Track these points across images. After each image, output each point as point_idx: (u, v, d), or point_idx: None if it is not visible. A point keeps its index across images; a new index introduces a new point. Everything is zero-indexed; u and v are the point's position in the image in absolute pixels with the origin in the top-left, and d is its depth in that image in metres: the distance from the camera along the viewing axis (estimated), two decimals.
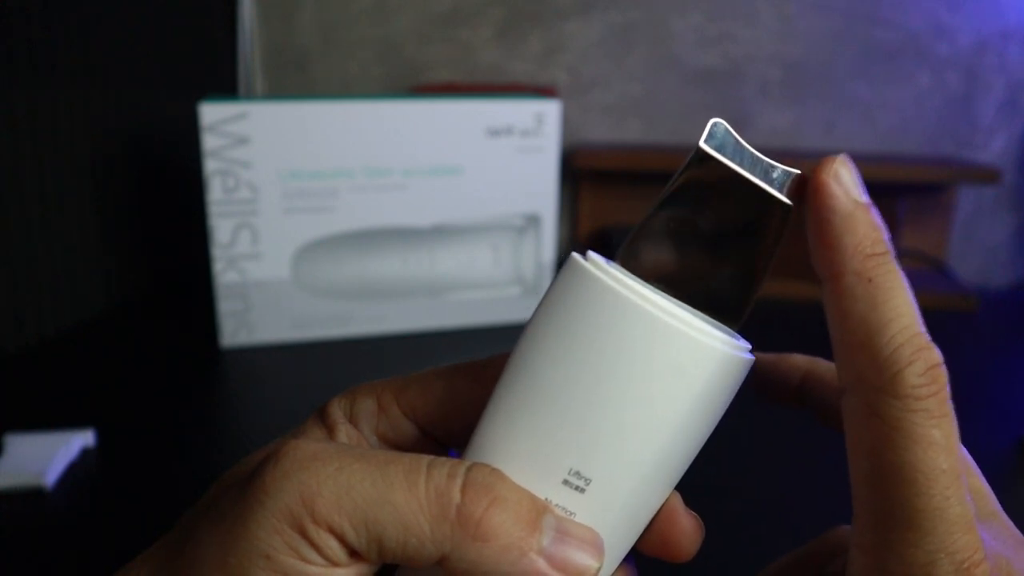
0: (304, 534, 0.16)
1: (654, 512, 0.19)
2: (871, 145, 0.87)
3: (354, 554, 0.16)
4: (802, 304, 0.76)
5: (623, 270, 0.19)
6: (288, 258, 0.61)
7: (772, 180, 0.21)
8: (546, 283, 0.67)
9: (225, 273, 0.59)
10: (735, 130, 0.21)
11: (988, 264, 0.89)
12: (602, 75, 0.89)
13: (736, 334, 0.21)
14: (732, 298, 0.20)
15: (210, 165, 0.57)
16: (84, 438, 0.45)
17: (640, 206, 0.90)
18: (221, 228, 0.59)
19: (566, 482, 0.18)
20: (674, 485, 0.19)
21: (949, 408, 0.18)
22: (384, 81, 0.93)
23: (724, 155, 0.20)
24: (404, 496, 0.16)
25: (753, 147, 0.21)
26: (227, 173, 0.58)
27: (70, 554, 0.36)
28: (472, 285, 0.66)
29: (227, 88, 0.89)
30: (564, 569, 0.17)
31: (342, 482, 0.16)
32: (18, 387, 0.53)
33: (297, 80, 0.94)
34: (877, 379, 0.17)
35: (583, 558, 0.17)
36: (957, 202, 0.86)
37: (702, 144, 0.20)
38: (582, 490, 0.18)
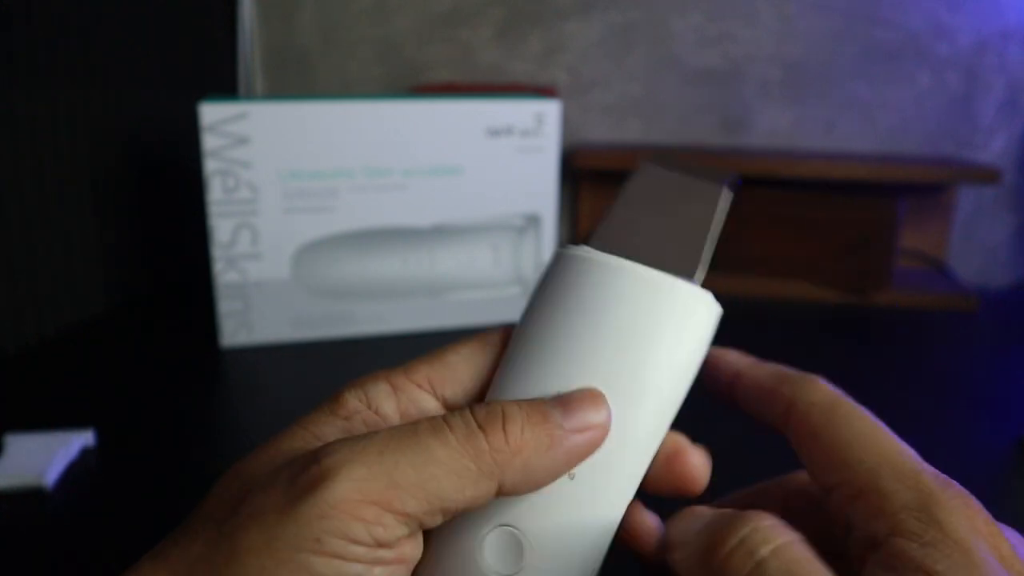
0: (359, 517, 0.17)
1: (660, 435, 0.22)
2: (871, 145, 0.87)
3: (409, 532, 0.18)
4: (803, 304, 0.76)
5: (596, 251, 0.23)
6: (288, 258, 0.61)
7: (702, 175, 0.24)
8: None
9: (225, 273, 0.59)
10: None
11: (988, 264, 0.89)
12: (602, 75, 0.89)
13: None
14: (687, 260, 0.23)
15: (210, 165, 0.57)
16: (84, 438, 0.45)
17: None
18: (221, 228, 0.59)
19: None
20: (669, 414, 0.22)
21: None
22: (384, 81, 0.93)
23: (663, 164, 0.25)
24: (444, 452, 0.18)
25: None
26: (227, 173, 0.58)
27: (70, 554, 0.36)
28: (472, 285, 0.66)
29: (227, 88, 0.89)
30: (586, 428, 0.20)
31: (388, 462, 0.18)
32: (18, 387, 0.53)
33: (297, 80, 0.94)
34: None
35: (594, 413, 0.20)
36: (957, 202, 0.86)
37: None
38: None
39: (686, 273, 0.22)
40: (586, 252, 0.23)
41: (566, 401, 0.20)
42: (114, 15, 0.68)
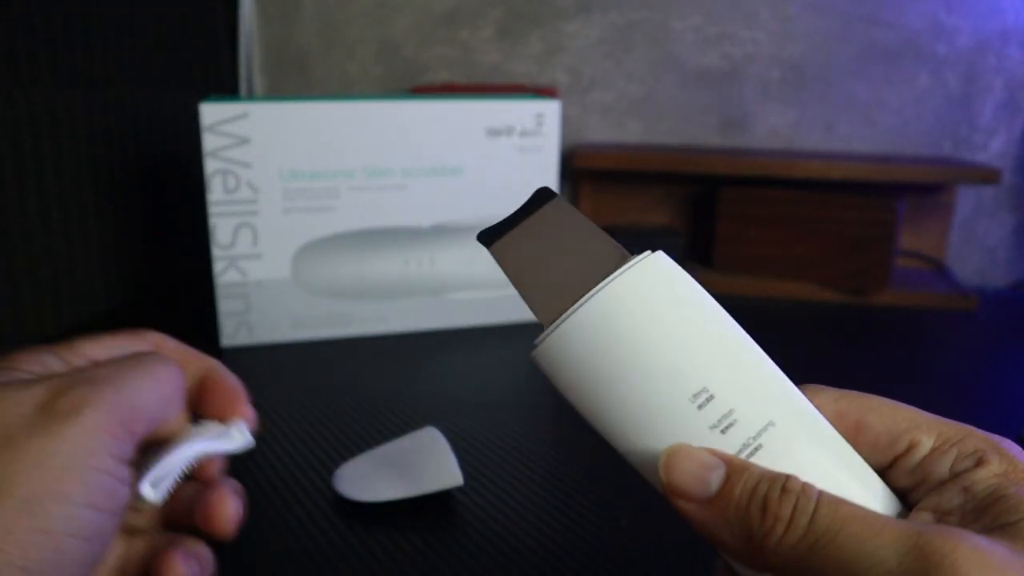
0: (114, 436, 0.21)
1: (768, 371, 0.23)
2: (870, 145, 0.87)
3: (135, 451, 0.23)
4: (803, 304, 0.76)
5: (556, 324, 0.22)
6: (288, 258, 0.61)
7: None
8: None
9: (225, 273, 0.59)
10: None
11: (987, 264, 0.89)
12: (602, 75, 0.89)
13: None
14: (609, 255, 0.23)
15: (210, 165, 0.57)
16: None
17: (640, 206, 0.90)
18: (221, 228, 0.59)
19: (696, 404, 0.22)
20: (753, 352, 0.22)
21: None
22: (384, 81, 0.93)
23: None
24: (160, 386, 0.24)
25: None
26: (227, 173, 0.58)
27: None
28: (472, 285, 0.66)
29: (227, 88, 0.89)
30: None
31: (123, 395, 0.22)
32: None
33: (297, 80, 0.94)
34: None
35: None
36: (956, 202, 0.86)
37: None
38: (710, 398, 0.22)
39: (619, 263, 0.22)
40: (552, 336, 0.22)
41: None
42: (115, 15, 0.68)
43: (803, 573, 0.19)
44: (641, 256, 0.22)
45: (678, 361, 0.21)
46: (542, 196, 0.24)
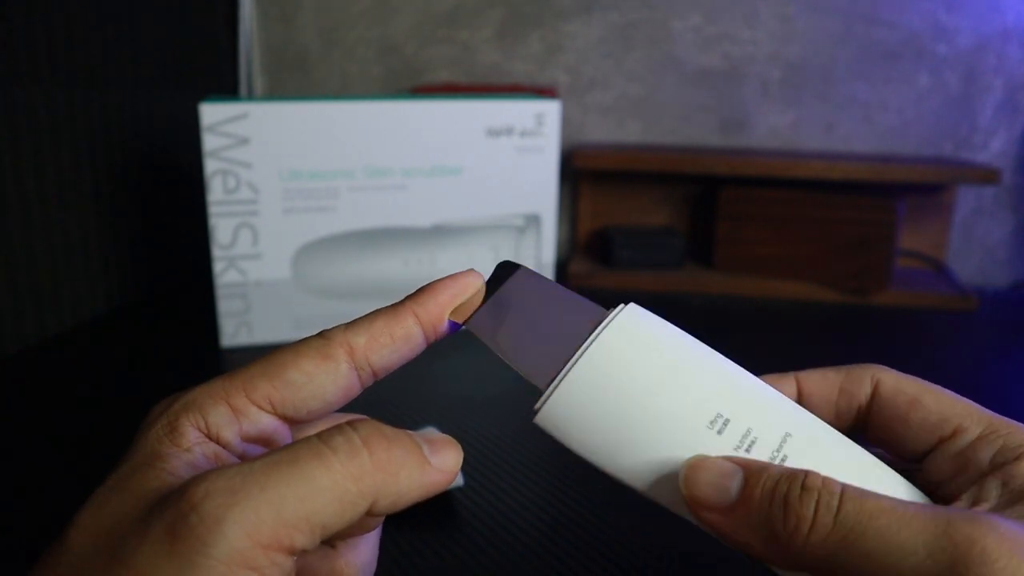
0: (254, 566, 0.16)
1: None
2: (870, 145, 0.87)
3: (295, 563, 0.18)
4: (803, 304, 0.76)
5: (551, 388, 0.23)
6: (288, 258, 0.61)
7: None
8: None
9: (225, 273, 0.59)
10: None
11: (987, 264, 0.89)
12: (602, 75, 0.89)
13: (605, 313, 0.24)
14: (589, 315, 0.24)
15: (210, 165, 0.57)
16: None
17: (640, 206, 0.90)
18: (221, 228, 0.59)
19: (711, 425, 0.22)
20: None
21: None
22: (384, 81, 0.93)
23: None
24: (327, 478, 0.17)
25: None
26: (227, 173, 0.58)
27: None
28: None
29: (227, 88, 0.89)
30: (447, 471, 0.20)
31: (274, 499, 0.17)
32: (18, 387, 0.53)
33: (297, 80, 0.94)
34: None
35: (455, 459, 0.21)
36: (956, 202, 0.86)
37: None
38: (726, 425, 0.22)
39: (598, 320, 0.23)
40: (550, 400, 0.22)
41: (430, 440, 0.21)
42: (114, 15, 0.68)
43: (836, 570, 0.19)
44: (616, 310, 0.23)
45: (685, 394, 0.22)
46: (507, 268, 0.24)
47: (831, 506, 0.19)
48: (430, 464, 0.20)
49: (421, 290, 0.24)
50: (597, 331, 0.23)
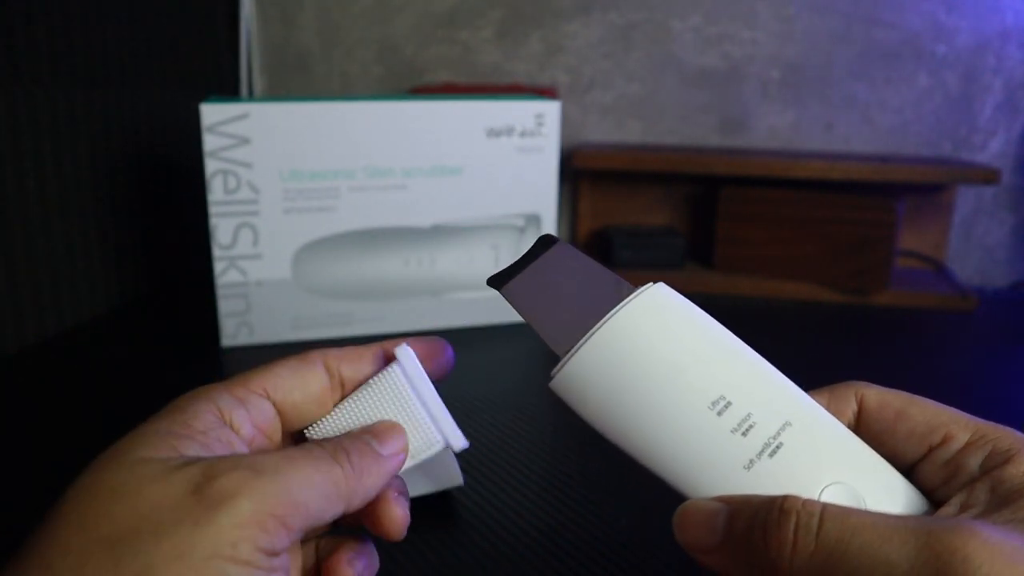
0: (264, 529, 0.19)
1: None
2: (870, 145, 0.88)
3: (290, 545, 0.21)
4: (802, 304, 0.76)
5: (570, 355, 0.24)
6: (288, 258, 0.61)
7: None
8: None
9: (225, 273, 0.59)
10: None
11: (987, 264, 0.89)
12: (602, 75, 0.89)
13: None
14: (612, 290, 0.25)
15: (211, 165, 0.57)
16: None
17: (640, 206, 0.90)
18: (222, 228, 0.59)
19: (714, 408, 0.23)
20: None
21: None
22: (384, 81, 0.93)
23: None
24: (319, 477, 0.21)
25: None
26: (228, 173, 0.58)
27: None
28: (472, 285, 0.66)
29: (227, 88, 0.89)
30: (397, 453, 0.24)
31: (283, 483, 0.20)
32: (18, 387, 0.53)
33: (297, 80, 0.94)
34: None
35: (399, 440, 0.24)
36: (956, 202, 0.86)
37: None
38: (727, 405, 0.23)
39: (624, 295, 0.24)
40: (567, 366, 0.24)
41: (375, 432, 0.24)
42: (115, 15, 0.68)
43: None
44: (644, 287, 0.24)
45: (692, 372, 0.23)
46: (546, 241, 0.26)
47: (811, 527, 0.19)
48: (383, 456, 0.23)
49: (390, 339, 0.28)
50: (620, 305, 0.24)
